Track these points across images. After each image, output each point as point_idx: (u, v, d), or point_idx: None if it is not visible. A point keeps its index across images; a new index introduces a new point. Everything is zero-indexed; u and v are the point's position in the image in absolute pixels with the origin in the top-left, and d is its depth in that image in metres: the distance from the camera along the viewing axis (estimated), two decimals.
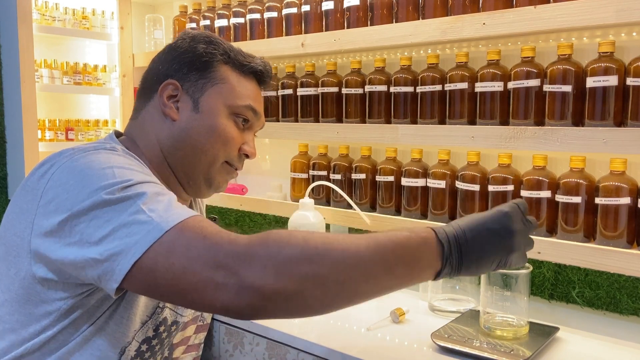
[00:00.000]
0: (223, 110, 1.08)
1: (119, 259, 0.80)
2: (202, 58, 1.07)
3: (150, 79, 1.09)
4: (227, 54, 1.09)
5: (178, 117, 1.06)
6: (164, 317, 1.08)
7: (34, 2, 2.37)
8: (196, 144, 1.06)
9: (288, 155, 1.90)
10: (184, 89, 1.06)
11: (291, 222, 1.64)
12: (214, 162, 1.09)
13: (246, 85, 1.11)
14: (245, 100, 1.10)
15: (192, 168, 1.08)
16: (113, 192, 0.83)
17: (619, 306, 1.38)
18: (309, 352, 1.20)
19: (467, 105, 1.43)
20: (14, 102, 2.30)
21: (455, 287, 1.37)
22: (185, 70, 1.06)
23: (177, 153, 1.07)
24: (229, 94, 1.08)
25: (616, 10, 1.16)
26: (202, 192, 1.13)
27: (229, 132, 1.08)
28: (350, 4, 1.60)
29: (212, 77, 1.07)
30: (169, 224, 0.80)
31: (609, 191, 1.23)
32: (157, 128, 1.07)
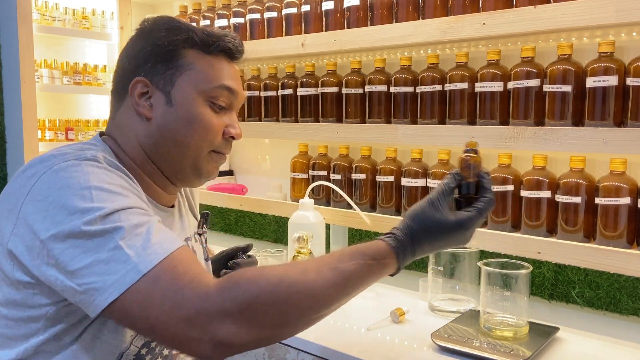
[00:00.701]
0: (197, 97, 1.03)
1: (97, 295, 0.81)
2: (165, 48, 1.02)
3: (119, 78, 1.06)
4: (190, 38, 1.03)
5: (152, 115, 1.02)
6: None
7: (34, 2, 2.37)
8: (177, 139, 1.03)
9: (288, 155, 1.90)
10: (154, 83, 1.02)
11: (291, 222, 1.64)
12: (199, 153, 1.05)
13: (216, 66, 1.05)
14: (218, 80, 1.04)
15: (177, 163, 1.05)
16: (92, 222, 0.82)
17: (619, 306, 1.38)
18: (309, 352, 1.20)
19: (467, 105, 1.43)
20: (14, 102, 2.30)
21: (455, 287, 1.37)
22: (151, 64, 1.02)
23: (160, 150, 1.04)
24: (199, 79, 1.03)
25: (616, 10, 1.16)
26: (193, 183, 1.12)
27: (208, 120, 1.04)
28: (350, 4, 1.60)
29: (179, 65, 1.02)
30: (146, 265, 0.81)
31: (609, 191, 1.23)
32: (135, 128, 1.04)
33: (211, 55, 1.05)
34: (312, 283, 0.84)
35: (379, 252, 0.92)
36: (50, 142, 2.47)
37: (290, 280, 0.83)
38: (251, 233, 2.22)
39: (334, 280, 0.86)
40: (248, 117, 1.95)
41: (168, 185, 1.09)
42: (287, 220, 1.69)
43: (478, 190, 1.00)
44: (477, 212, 0.97)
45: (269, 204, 1.88)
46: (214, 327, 0.79)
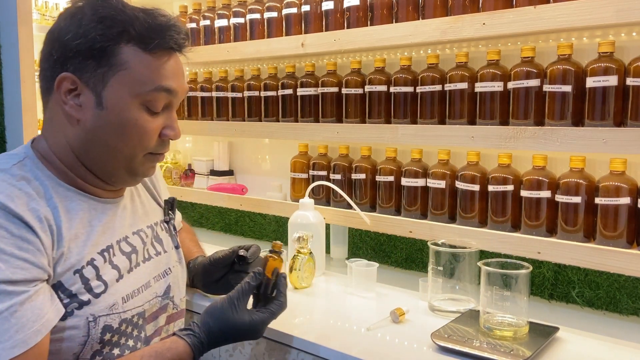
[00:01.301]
0: (131, 101, 0.94)
1: None
2: (98, 43, 0.91)
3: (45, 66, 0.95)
4: (127, 32, 0.92)
5: (81, 117, 0.94)
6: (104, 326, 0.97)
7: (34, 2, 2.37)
8: (108, 144, 0.96)
9: (288, 155, 1.90)
10: (83, 81, 0.92)
11: (291, 222, 1.64)
12: (133, 158, 0.99)
13: (154, 64, 0.95)
14: (154, 82, 0.95)
15: (109, 166, 0.99)
16: None
17: (618, 306, 1.38)
18: (309, 352, 1.20)
19: (467, 105, 1.43)
20: (14, 102, 2.30)
21: (455, 287, 1.37)
22: (81, 59, 0.91)
23: (89, 154, 0.97)
24: (134, 80, 0.93)
25: (616, 10, 1.16)
26: (128, 183, 1.07)
27: (142, 126, 0.96)
28: (350, 4, 1.60)
29: (112, 63, 0.92)
30: None
31: (608, 191, 1.23)
32: (64, 128, 0.96)
33: (149, 53, 0.95)
34: None
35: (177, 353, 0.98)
36: None
37: None
38: (251, 233, 2.22)
39: None
40: (248, 117, 1.95)
41: (104, 184, 1.03)
42: (287, 220, 1.69)
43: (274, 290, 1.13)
44: (269, 315, 1.08)
45: (269, 204, 1.88)
46: None
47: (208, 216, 2.35)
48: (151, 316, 1.10)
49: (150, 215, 1.17)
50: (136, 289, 1.05)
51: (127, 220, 1.09)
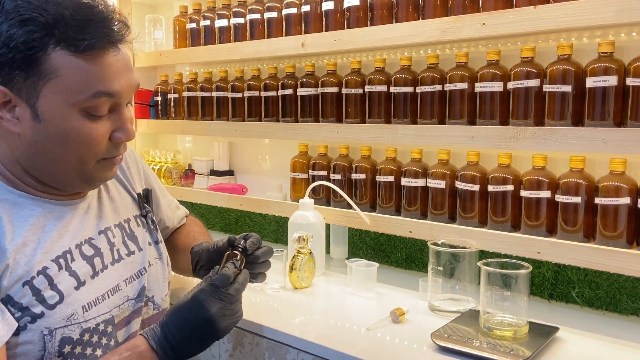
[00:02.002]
0: (69, 111, 0.86)
1: None
2: (21, 52, 0.82)
3: None
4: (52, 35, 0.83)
5: (20, 130, 0.87)
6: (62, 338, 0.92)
7: None
8: (54, 157, 0.89)
9: (288, 155, 1.90)
10: (15, 92, 0.85)
11: (291, 222, 1.64)
12: (84, 166, 0.92)
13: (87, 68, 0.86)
14: (92, 87, 0.86)
15: (61, 176, 0.93)
16: None
17: (618, 306, 1.38)
18: (309, 352, 1.20)
19: (467, 105, 1.43)
20: None
21: (455, 287, 1.37)
22: (7, 70, 0.84)
23: (37, 166, 0.91)
24: (68, 89, 0.85)
25: (616, 10, 1.16)
26: (86, 190, 1.01)
27: (86, 134, 0.88)
28: (350, 4, 1.60)
29: (41, 71, 0.84)
30: None
31: (608, 191, 1.23)
32: (7, 140, 0.91)
33: (81, 56, 0.85)
34: None
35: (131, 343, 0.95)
36: None
37: None
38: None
39: None
40: (248, 117, 1.95)
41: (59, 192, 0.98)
42: (287, 220, 1.69)
43: None
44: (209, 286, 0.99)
45: (269, 204, 1.88)
46: None
47: (208, 216, 2.35)
48: (122, 322, 1.04)
49: (122, 211, 1.11)
50: (101, 294, 0.99)
51: (91, 221, 1.03)
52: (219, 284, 0.99)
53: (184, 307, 0.98)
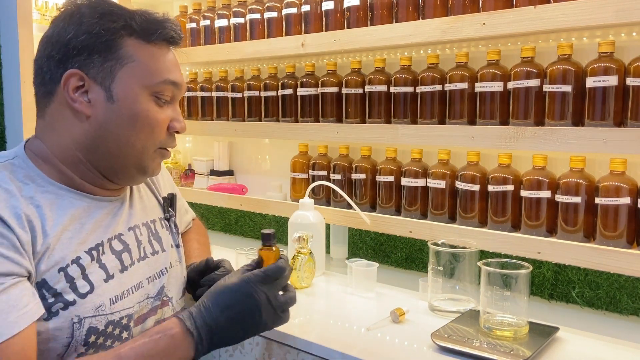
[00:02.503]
0: (141, 92, 0.95)
1: None
2: (102, 37, 0.92)
3: (45, 68, 0.95)
4: (129, 26, 0.94)
5: (92, 112, 0.94)
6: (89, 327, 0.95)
7: (34, 2, 2.37)
8: (120, 138, 0.95)
9: (288, 155, 1.90)
10: (90, 77, 0.93)
11: (291, 222, 1.64)
12: (145, 151, 0.99)
13: (159, 57, 0.97)
14: (163, 74, 0.97)
15: (120, 162, 0.98)
16: None
17: (618, 306, 1.38)
18: (309, 352, 1.20)
19: (467, 105, 1.43)
20: (14, 102, 2.30)
21: (455, 287, 1.37)
22: (86, 55, 0.92)
23: (99, 151, 0.96)
24: (143, 72, 0.95)
25: (616, 10, 1.16)
26: (136, 180, 1.06)
27: (153, 117, 0.96)
28: (350, 4, 1.60)
29: (119, 57, 0.93)
30: None
31: (608, 191, 1.23)
32: (69, 127, 0.95)
33: (152, 44, 0.96)
34: None
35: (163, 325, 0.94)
36: None
37: None
38: (251, 233, 2.22)
39: None
40: (248, 117, 1.95)
41: (107, 183, 1.02)
42: (287, 220, 1.69)
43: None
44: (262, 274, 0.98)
45: (269, 204, 1.88)
46: None
47: (208, 216, 2.35)
48: (140, 318, 1.06)
49: (149, 212, 1.15)
50: (127, 289, 1.02)
51: (122, 217, 1.06)
52: (272, 274, 0.99)
53: (231, 288, 0.97)
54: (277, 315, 1.00)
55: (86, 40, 0.92)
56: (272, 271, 0.99)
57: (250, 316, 0.97)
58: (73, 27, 0.93)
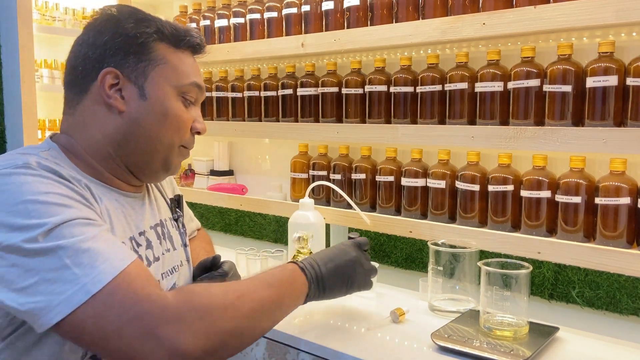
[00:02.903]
0: (170, 92, 1.03)
1: (42, 314, 0.79)
2: (137, 40, 1.00)
3: (80, 68, 1.01)
4: (160, 31, 1.02)
5: (125, 108, 1.00)
6: None
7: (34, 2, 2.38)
8: (150, 134, 1.02)
9: (288, 155, 1.90)
10: (125, 75, 0.99)
11: (291, 222, 1.64)
12: (171, 148, 1.05)
13: (186, 61, 1.06)
14: (190, 77, 1.05)
15: (147, 158, 1.04)
16: (32, 240, 0.80)
17: (618, 306, 1.38)
18: (309, 352, 1.20)
19: (467, 105, 1.43)
20: (14, 102, 2.30)
21: (455, 287, 1.37)
22: (122, 55, 0.99)
23: (130, 145, 1.02)
24: (173, 74, 1.03)
25: (616, 10, 1.16)
26: (159, 177, 1.11)
27: (181, 116, 1.04)
28: (350, 4, 1.60)
29: (152, 58, 1.01)
30: (96, 285, 0.80)
31: (608, 191, 1.23)
32: (101, 122, 1.00)
33: (180, 50, 1.05)
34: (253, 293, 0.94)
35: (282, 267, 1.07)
36: None
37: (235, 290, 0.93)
38: (251, 233, 2.22)
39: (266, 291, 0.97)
40: (248, 117, 1.95)
41: (131, 179, 1.07)
42: (287, 220, 1.69)
43: None
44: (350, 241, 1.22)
45: (269, 204, 1.88)
46: (172, 337, 0.81)
47: (208, 216, 2.35)
48: None
49: (162, 211, 1.19)
50: None
51: (145, 215, 1.11)
52: (361, 242, 1.22)
53: (329, 249, 1.18)
54: (366, 278, 1.20)
55: (123, 41, 0.99)
56: (362, 241, 1.22)
57: (349, 269, 1.16)
58: (110, 29, 1.00)
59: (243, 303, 0.91)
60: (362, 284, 1.20)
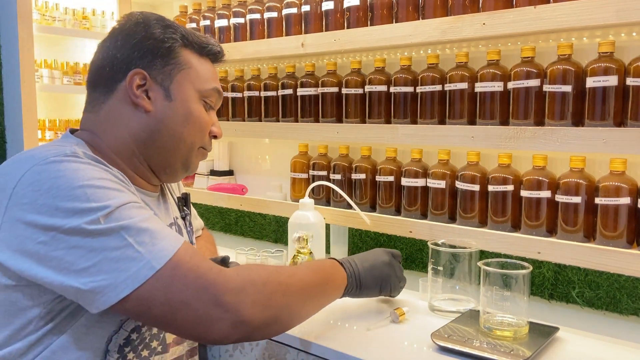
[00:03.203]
0: (194, 95, 1.07)
1: (106, 291, 0.83)
2: (165, 44, 1.04)
3: (108, 69, 1.04)
4: (185, 38, 1.07)
5: (152, 108, 1.03)
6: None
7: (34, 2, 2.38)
8: (174, 134, 1.06)
9: (288, 155, 1.90)
10: (152, 77, 1.03)
11: (291, 222, 1.64)
12: (192, 148, 1.09)
13: (208, 68, 1.11)
14: (211, 83, 1.10)
15: (170, 157, 1.08)
16: (95, 222, 0.83)
17: (619, 306, 1.38)
18: (309, 352, 1.20)
19: (467, 105, 1.43)
20: (14, 102, 2.30)
21: (455, 287, 1.37)
22: (150, 58, 1.03)
23: (154, 144, 1.05)
24: (197, 78, 1.07)
25: (616, 10, 1.16)
26: (179, 177, 1.15)
27: (202, 118, 1.09)
28: (350, 4, 1.60)
29: (177, 62, 1.05)
30: (160, 261, 0.85)
31: (608, 191, 1.23)
32: (127, 121, 1.04)
33: (202, 57, 1.10)
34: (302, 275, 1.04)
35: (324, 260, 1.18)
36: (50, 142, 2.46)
37: (286, 270, 1.02)
38: (251, 233, 2.22)
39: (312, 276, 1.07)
40: (248, 117, 1.95)
41: (152, 178, 1.10)
42: (287, 220, 1.69)
43: None
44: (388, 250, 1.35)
45: (269, 204, 1.88)
46: (235, 306, 0.88)
47: (208, 216, 2.35)
48: None
49: (172, 210, 1.21)
50: None
51: (161, 214, 1.13)
52: (394, 252, 1.34)
53: (369, 251, 1.30)
54: (398, 283, 1.32)
55: (151, 45, 1.03)
56: (395, 252, 1.35)
57: (383, 271, 1.27)
58: (139, 33, 1.04)
59: (294, 282, 1.00)
60: (394, 287, 1.31)
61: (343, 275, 1.18)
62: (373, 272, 1.25)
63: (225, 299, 0.87)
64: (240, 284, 0.90)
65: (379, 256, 1.29)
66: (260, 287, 0.92)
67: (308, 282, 1.05)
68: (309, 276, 1.06)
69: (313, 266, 1.11)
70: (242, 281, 0.90)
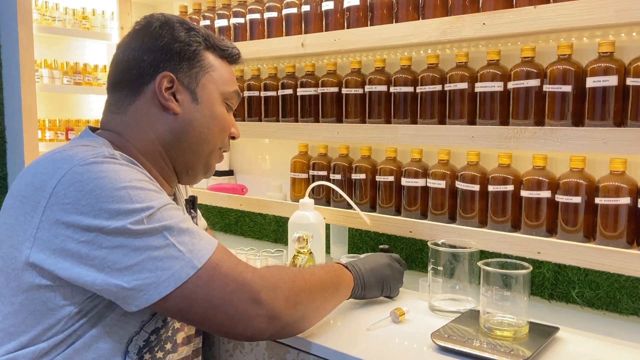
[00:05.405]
0: (218, 97, 1.10)
1: (149, 289, 0.86)
2: (190, 47, 1.06)
3: (135, 71, 1.05)
4: (207, 40, 1.10)
5: (180, 110, 1.06)
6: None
7: (34, 2, 2.38)
8: (200, 135, 1.08)
9: (288, 155, 1.90)
10: (179, 80, 1.05)
11: (291, 222, 1.64)
12: (214, 149, 1.12)
13: (228, 70, 1.13)
14: (233, 85, 1.13)
15: (194, 158, 1.10)
16: (139, 222, 0.86)
17: (619, 306, 1.38)
18: (309, 352, 1.20)
19: (467, 105, 1.43)
20: (14, 102, 2.30)
21: (455, 287, 1.37)
22: (177, 61, 1.05)
23: (181, 146, 1.07)
24: (220, 81, 1.10)
25: (616, 10, 1.16)
26: (198, 179, 1.18)
27: (226, 119, 1.12)
28: (350, 4, 1.60)
29: (202, 65, 1.08)
30: (201, 260, 0.89)
31: (608, 191, 1.23)
32: (154, 123, 1.05)
33: (223, 60, 1.12)
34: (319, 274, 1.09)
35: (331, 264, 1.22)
36: (50, 142, 2.47)
37: (306, 270, 1.08)
38: (251, 233, 2.22)
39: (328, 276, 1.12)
40: (248, 117, 1.95)
41: (173, 180, 1.13)
42: (287, 220, 1.69)
43: None
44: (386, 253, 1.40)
45: (269, 204, 1.88)
46: (270, 302, 0.93)
47: (208, 216, 2.35)
48: None
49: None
50: None
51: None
52: (393, 255, 1.38)
53: (368, 254, 1.35)
54: (397, 284, 1.37)
55: (178, 47, 1.05)
56: (395, 256, 1.39)
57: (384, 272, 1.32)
58: (166, 35, 1.05)
59: (315, 280, 1.06)
60: (393, 287, 1.36)
61: (350, 277, 1.22)
62: (375, 273, 1.29)
63: (262, 296, 0.92)
64: (273, 282, 0.95)
65: (378, 259, 1.33)
66: (290, 284, 0.98)
67: (327, 281, 1.10)
68: (326, 276, 1.11)
69: (325, 268, 1.15)
70: (275, 279, 0.95)
